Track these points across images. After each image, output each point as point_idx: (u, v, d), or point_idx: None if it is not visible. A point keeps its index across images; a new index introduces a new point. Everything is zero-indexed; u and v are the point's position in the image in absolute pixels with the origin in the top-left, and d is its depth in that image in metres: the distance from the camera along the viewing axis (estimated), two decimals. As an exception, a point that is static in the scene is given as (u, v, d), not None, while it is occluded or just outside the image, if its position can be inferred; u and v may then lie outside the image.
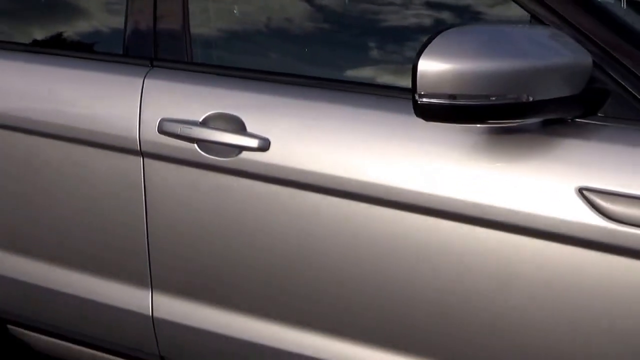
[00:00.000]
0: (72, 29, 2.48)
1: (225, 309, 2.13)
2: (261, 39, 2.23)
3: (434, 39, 1.60)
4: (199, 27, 2.22)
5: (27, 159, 2.32)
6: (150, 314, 2.23)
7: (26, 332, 2.49)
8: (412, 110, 1.65)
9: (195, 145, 2.05)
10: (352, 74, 2.09)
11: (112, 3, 2.43)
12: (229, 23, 2.29)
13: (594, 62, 1.69)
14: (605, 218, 1.66)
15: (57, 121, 2.24)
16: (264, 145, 1.97)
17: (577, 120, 1.73)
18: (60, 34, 2.47)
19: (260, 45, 2.23)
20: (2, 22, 2.58)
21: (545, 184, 1.71)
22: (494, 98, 1.60)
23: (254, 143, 1.98)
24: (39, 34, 2.51)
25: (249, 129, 2.00)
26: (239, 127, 2.00)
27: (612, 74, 1.72)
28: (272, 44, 2.23)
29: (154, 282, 2.20)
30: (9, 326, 2.52)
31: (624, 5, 1.91)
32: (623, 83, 1.71)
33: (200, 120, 2.05)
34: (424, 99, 1.61)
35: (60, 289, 2.35)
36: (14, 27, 2.55)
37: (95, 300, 2.30)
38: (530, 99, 1.62)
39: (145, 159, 2.14)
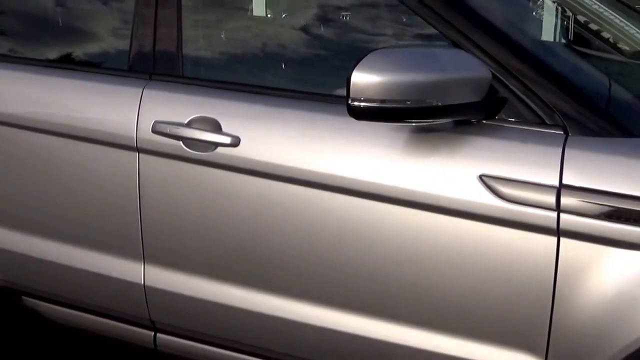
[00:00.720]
0: (88, 49, 2.99)
1: (205, 278, 2.59)
2: (237, 59, 2.75)
3: (363, 57, 2.08)
4: (189, 48, 2.71)
5: (45, 155, 2.80)
6: (142, 283, 2.70)
7: (37, 301, 2.95)
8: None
9: (181, 142, 2.53)
10: (306, 85, 2.58)
11: (120, 29, 2.92)
12: (213, 46, 2.80)
13: (493, 76, 2.17)
14: (499, 198, 2.13)
15: (71, 123, 2.72)
16: (235, 142, 2.45)
17: (481, 122, 2.21)
18: (77, 53, 2.98)
19: (236, 63, 2.74)
20: (29, 44, 3.07)
21: (454, 171, 2.19)
22: (409, 102, 2.08)
23: (227, 140, 2.46)
24: (60, 53, 3.01)
25: (224, 129, 2.48)
26: (216, 127, 2.48)
27: (508, 85, 2.19)
28: (245, 62, 2.73)
29: (145, 256, 2.67)
30: (24, 297, 2.98)
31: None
32: (516, 93, 2.19)
33: (186, 122, 2.53)
34: (354, 103, 2.08)
35: (67, 263, 2.81)
36: (40, 47, 3.05)
37: (96, 272, 2.77)
38: (439, 103, 2.09)
39: (140, 154, 2.62)
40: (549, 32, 2.67)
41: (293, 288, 2.46)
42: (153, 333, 2.76)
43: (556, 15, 2.84)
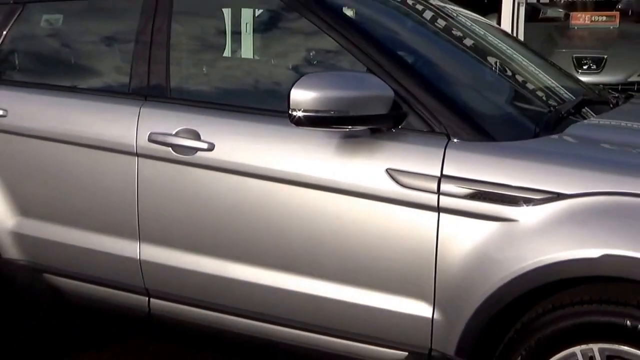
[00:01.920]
0: (98, 78, 3.92)
1: (188, 252, 3.43)
2: (211, 85, 3.66)
3: (299, 79, 2.95)
4: (175, 77, 3.60)
5: (64, 160, 3.67)
6: (139, 258, 3.54)
7: (55, 277, 3.79)
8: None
9: (170, 148, 3.40)
10: (262, 103, 3.46)
11: (123, 63, 3.81)
12: (193, 75, 3.70)
13: (396, 94, 3.03)
14: (399, 185, 2.99)
15: (85, 134, 3.60)
16: (211, 147, 3.31)
17: (390, 130, 3.06)
18: (90, 81, 3.89)
19: (210, 88, 3.65)
20: (54, 74, 4.00)
21: (369, 166, 3.05)
22: (333, 112, 2.94)
23: (204, 146, 3.33)
24: (77, 81, 3.92)
25: (202, 137, 3.34)
26: (196, 136, 3.35)
27: (407, 102, 3.06)
28: (217, 87, 3.64)
29: (141, 236, 3.52)
30: (45, 274, 3.82)
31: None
32: (413, 108, 3.05)
33: (173, 132, 3.40)
34: (293, 113, 2.95)
35: (80, 244, 3.67)
36: (61, 77, 3.96)
37: (102, 251, 3.62)
38: (355, 114, 2.95)
39: (139, 158, 3.48)
40: (441, 58, 3.58)
41: (255, 257, 3.31)
42: (147, 298, 3.60)
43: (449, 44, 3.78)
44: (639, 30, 8.11)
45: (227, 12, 3.90)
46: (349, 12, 3.59)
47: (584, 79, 7.30)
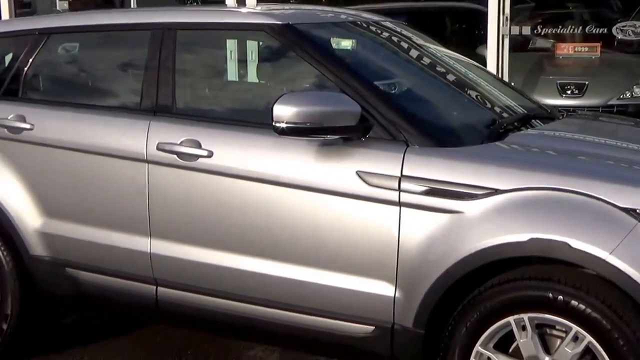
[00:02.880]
0: (114, 97, 4.62)
1: (192, 245, 4.06)
2: (210, 102, 4.35)
3: (280, 97, 3.61)
4: (179, 96, 4.26)
5: (85, 167, 4.33)
6: (149, 252, 4.18)
7: (75, 270, 4.42)
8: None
9: (175, 155, 4.04)
10: (253, 117, 4.13)
11: (135, 84, 4.48)
12: (194, 94, 4.36)
13: (363, 109, 3.66)
14: (367, 184, 3.62)
15: (103, 145, 4.26)
16: (210, 154, 3.96)
17: (359, 139, 3.70)
18: (107, 100, 4.60)
19: (209, 104, 4.33)
20: (78, 95, 4.72)
21: (342, 169, 3.69)
22: (309, 124, 3.58)
23: (205, 153, 3.97)
24: (97, 100, 4.62)
25: (203, 146, 3.99)
26: (198, 145, 4.00)
27: (372, 116, 3.70)
28: (215, 104, 4.32)
29: (151, 232, 4.16)
30: (67, 268, 4.46)
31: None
32: (377, 121, 3.70)
33: (178, 142, 4.06)
34: (276, 124, 3.60)
35: (98, 241, 4.31)
36: (84, 96, 4.67)
37: (117, 246, 4.26)
38: (327, 125, 3.59)
39: (149, 164, 4.13)
40: (403, 79, 4.24)
41: (246, 248, 3.94)
42: (155, 287, 4.23)
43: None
44: (618, 59, 8.80)
45: (223, 43, 4.63)
46: (333, 44, 4.32)
47: (567, 102, 8.01)
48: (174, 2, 20.54)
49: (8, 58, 5.04)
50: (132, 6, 19.12)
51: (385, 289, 3.64)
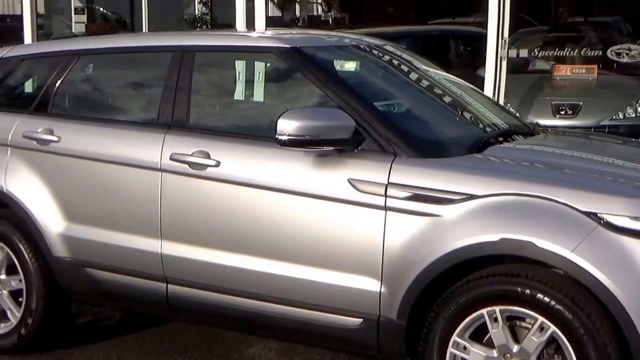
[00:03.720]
0: (134, 113, 5.17)
1: (199, 246, 4.54)
2: (219, 118, 4.90)
3: (284, 112, 4.10)
4: (193, 112, 4.76)
5: (103, 175, 4.85)
6: (160, 252, 4.66)
7: (93, 269, 4.91)
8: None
9: (187, 165, 4.54)
10: (257, 131, 4.64)
11: (153, 103, 4.99)
12: (205, 112, 4.88)
13: (357, 124, 4.15)
14: (357, 191, 4.10)
15: (122, 155, 4.76)
16: (218, 164, 4.46)
17: (353, 150, 4.18)
18: (128, 115, 5.14)
19: (218, 121, 4.88)
20: (102, 110, 5.28)
21: (336, 177, 4.17)
22: (307, 136, 4.07)
23: (213, 163, 4.47)
24: (118, 115, 5.16)
25: (212, 156, 4.48)
26: (207, 156, 4.49)
27: (365, 130, 4.19)
28: (223, 120, 4.87)
29: (162, 235, 4.64)
30: (86, 268, 4.94)
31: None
32: (369, 134, 4.18)
33: (190, 153, 4.55)
34: (279, 137, 4.09)
35: (114, 243, 4.80)
36: (107, 112, 5.22)
37: (132, 247, 4.75)
38: (323, 138, 4.08)
39: (162, 173, 4.63)
40: (394, 97, 4.75)
41: (248, 248, 4.42)
42: (165, 284, 4.71)
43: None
44: (614, 81, 9.26)
45: (235, 65, 5.17)
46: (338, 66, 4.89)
47: (561, 122, 8.46)
48: (184, 25, 21.19)
49: (39, 76, 5.60)
50: (143, 29, 19.79)
51: (372, 284, 4.11)
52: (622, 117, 8.70)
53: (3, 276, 5.26)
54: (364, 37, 5.63)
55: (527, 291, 3.75)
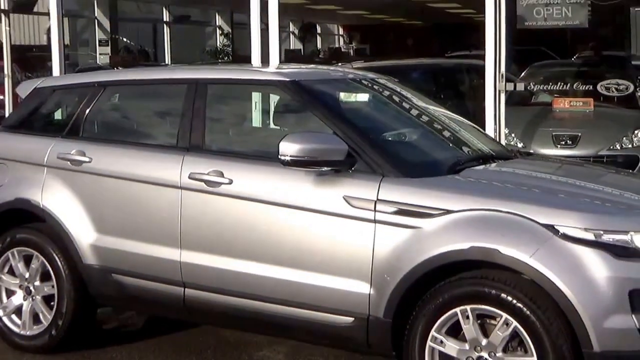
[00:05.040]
0: (156, 137, 5.96)
1: (215, 255, 5.29)
2: (232, 142, 5.68)
3: (285, 136, 4.87)
4: (208, 136, 5.53)
5: (129, 191, 5.63)
6: (179, 260, 5.41)
7: (119, 275, 5.67)
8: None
9: (203, 183, 5.30)
10: (264, 152, 5.41)
11: (173, 128, 5.78)
12: (220, 136, 5.67)
13: (349, 147, 4.90)
14: (350, 206, 4.85)
15: (146, 174, 5.55)
16: (230, 182, 5.22)
17: (347, 171, 4.93)
18: (150, 139, 5.93)
19: (231, 143, 5.66)
20: (128, 134, 6.08)
21: (333, 194, 4.93)
22: (307, 157, 4.82)
23: (226, 181, 5.23)
24: (142, 139, 5.96)
25: (225, 175, 5.25)
26: (221, 175, 5.26)
27: (357, 153, 4.94)
28: (235, 143, 5.65)
29: (182, 244, 5.40)
30: (113, 274, 5.70)
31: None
32: (360, 156, 4.94)
33: (206, 172, 5.32)
34: (281, 157, 4.86)
35: (138, 252, 5.57)
36: (132, 136, 6.02)
37: (154, 256, 5.51)
38: (320, 159, 4.83)
39: (182, 190, 5.40)
40: (383, 125, 5.52)
41: (258, 256, 5.16)
42: (183, 289, 5.45)
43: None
44: (610, 112, 10.01)
45: (244, 95, 6.01)
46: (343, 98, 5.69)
47: (561, 152, 9.19)
48: (206, 57, 22.16)
49: (70, 105, 6.40)
50: (166, 59, 20.70)
51: (363, 287, 4.84)
52: (619, 148, 9.48)
53: (37, 283, 6.03)
54: (367, 73, 6.44)
55: (493, 292, 4.47)
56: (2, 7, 12.08)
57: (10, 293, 6.13)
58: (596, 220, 4.45)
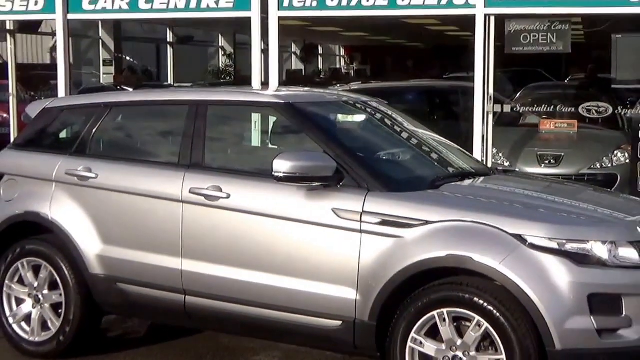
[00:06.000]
0: (159, 155, 6.45)
1: (214, 264, 5.75)
2: (230, 160, 6.17)
3: (279, 154, 5.36)
4: (207, 155, 6.02)
5: (134, 205, 6.11)
6: (180, 269, 5.87)
7: (125, 284, 6.12)
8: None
9: (203, 197, 5.78)
10: (259, 169, 5.90)
11: (174, 147, 6.26)
12: (219, 154, 6.16)
13: (338, 164, 5.37)
14: (338, 217, 5.33)
15: (148, 189, 6.03)
16: (228, 196, 5.69)
17: (336, 186, 5.40)
18: (154, 157, 6.41)
19: (229, 161, 6.15)
20: (132, 152, 6.57)
21: (323, 206, 5.41)
22: (298, 174, 5.30)
23: (224, 195, 5.72)
24: (146, 156, 6.44)
25: (223, 190, 5.73)
26: (219, 189, 5.73)
27: (345, 169, 5.42)
28: (233, 161, 6.17)
29: (183, 254, 5.86)
30: (118, 283, 6.16)
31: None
32: (348, 173, 5.42)
33: (206, 187, 5.79)
34: (274, 174, 5.36)
35: (141, 261, 6.03)
36: (137, 154, 6.52)
37: (157, 265, 5.97)
38: (311, 175, 5.31)
39: (183, 204, 5.87)
40: (369, 144, 6.02)
41: (253, 265, 5.63)
42: (184, 296, 5.91)
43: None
44: (592, 133, 10.54)
45: (241, 116, 6.58)
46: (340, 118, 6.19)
47: (545, 171, 9.68)
48: (208, 77, 22.68)
49: (77, 124, 6.89)
50: (169, 79, 21.20)
51: (350, 293, 5.30)
52: (599, 167, 10.01)
53: (46, 291, 6.48)
54: (360, 96, 6.97)
55: (467, 296, 4.94)
56: (8, 28, 12.46)
57: (19, 301, 6.57)
58: (560, 231, 4.94)
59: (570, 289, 4.81)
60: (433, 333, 5.10)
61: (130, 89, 15.15)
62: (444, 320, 5.03)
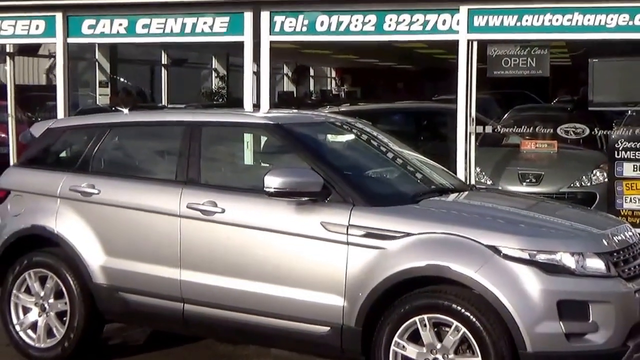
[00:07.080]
0: (157, 172, 6.81)
1: (210, 274, 6.11)
2: (225, 177, 6.57)
3: (269, 170, 5.73)
4: (204, 172, 6.39)
5: (134, 219, 6.47)
6: (179, 278, 6.22)
7: (125, 293, 6.47)
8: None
9: (199, 212, 6.14)
10: (251, 185, 6.25)
11: (172, 164, 6.63)
12: (214, 172, 6.54)
13: (324, 181, 5.74)
14: (327, 230, 5.70)
15: (147, 204, 6.39)
16: (223, 211, 6.06)
17: (324, 201, 5.77)
18: (152, 174, 6.79)
19: (224, 178, 6.54)
20: (132, 169, 6.95)
21: (311, 220, 5.78)
22: (288, 189, 5.67)
23: (219, 210, 6.09)
24: (145, 173, 6.83)
25: (218, 205, 6.09)
26: (215, 204, 6.09)
27: (331, 185, 5.79)
28: (228, 178, 6.55)
29: (181, 265, 6.21)
30: (120, 292, 6.50)
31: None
32: (334, 189, 5.79)
33: (202, 202, 6.15)
34: (266, 189, 5.73)
35: (142, 271, 6.38)
36: (135, 171, 6.91)
37: (156, 275, 6.32)
38: (299, 190, 5.68)
39: (181, 219, 6.23)
40: (355, 162, 6.39)
41: (247, 274, 5.98)
42: (182, 304, 6.25)
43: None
44: (572, 153, 10.93)
45: (234, 137, 7.00)
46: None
47: (526, 189, 10.05)
48: (202, 98, 23.02)
49: (79, 143, 7.25)
50: (163, 100, 21.50)
51: (337, 300, 5.66)
52: (579, 185, 10.40)
53: (52, 300, 6.82)
54: (346, 117, 7.37)
55: (446, 303, 5.31)
56: (8, 50, 12.72)
57: (26, 310, 6.91)
58: (531, 242, 5.33)
59: (541, 296, 5.18)
60: (415, 337, 5.46)
61: (126, 110, 15.49)
62: (425, 325, 5.39)
